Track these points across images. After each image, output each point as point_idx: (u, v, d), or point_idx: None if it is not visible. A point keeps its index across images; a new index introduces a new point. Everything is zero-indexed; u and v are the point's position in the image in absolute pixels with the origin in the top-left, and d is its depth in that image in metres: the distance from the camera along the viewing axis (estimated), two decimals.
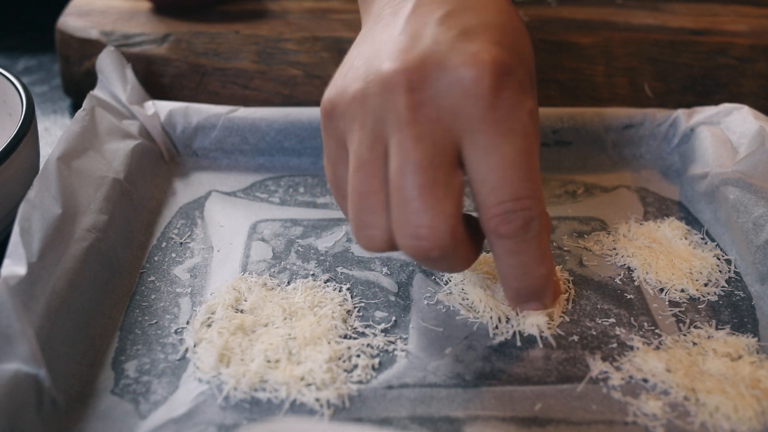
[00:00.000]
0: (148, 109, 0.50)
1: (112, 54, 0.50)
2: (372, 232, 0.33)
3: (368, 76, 0.33)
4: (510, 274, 0.35)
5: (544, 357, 0.36)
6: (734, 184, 0.43)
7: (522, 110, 0.33)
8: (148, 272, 0.41)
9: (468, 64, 0.32)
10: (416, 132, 0.32)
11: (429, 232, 0.32)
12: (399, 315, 0.38)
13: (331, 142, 0.35)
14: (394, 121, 0.32)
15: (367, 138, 0.33)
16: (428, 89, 0.32)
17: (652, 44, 0.55)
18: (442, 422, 0.32)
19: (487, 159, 0.32)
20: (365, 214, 0.33)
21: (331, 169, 0.36)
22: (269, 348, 0.35)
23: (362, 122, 0.33)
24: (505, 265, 0.34)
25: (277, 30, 0.57)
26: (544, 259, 0.34)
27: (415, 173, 0.32)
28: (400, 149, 0.32)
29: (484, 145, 0.32)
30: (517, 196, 0.32)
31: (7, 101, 0.47)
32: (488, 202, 0.33)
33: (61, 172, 0.39)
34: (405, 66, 0.32)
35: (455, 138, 0.32)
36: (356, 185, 0.33)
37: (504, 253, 0.34)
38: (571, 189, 0.49)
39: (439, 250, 0.32)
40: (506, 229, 0.33)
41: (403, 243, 0.32)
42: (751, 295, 0.40)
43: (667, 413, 0.33)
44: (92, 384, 0.34)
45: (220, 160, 0.50)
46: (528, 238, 0.33)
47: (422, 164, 0.32)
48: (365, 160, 0.33)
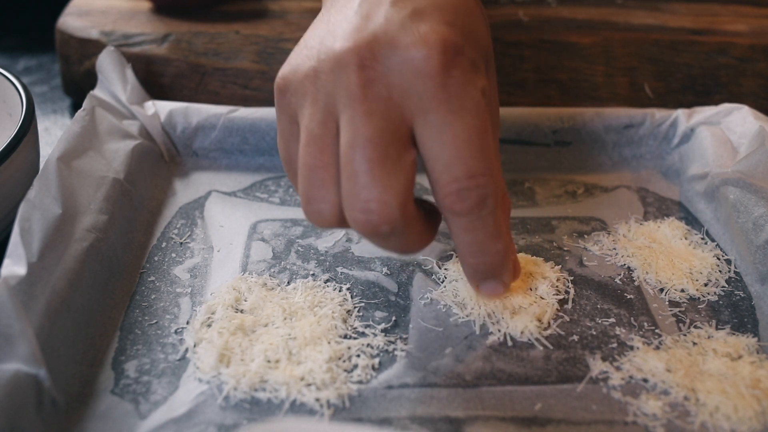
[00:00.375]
0: (148, 109, 0.50)
1: (112, 54, 0.50)
2: (321, 206, 0.33)
3: (320, 54, 0.34)
4: (466, 251, 0.35)
5: (544, 357, 0.36)
6: (734, 184, 0.43)
7: (473, 88, 0.33)
8: (148, 272, 0.41)
9: (418, 44, 0.32)
10: (367, 108, 0.32)
11: (378, 206, 0.32)
12: (399, 315, 0.38)
13: (284, 117, 0.35)
14: (345, 97, 0.32)
15: (319, 114, 0.33)
16: (379, 67, 0.32)
17: (652, 44, 0.55)
18: (442, 422, 0.32)
19: (439, 137, 0.32)
20: (314, 188, 0.33)
21: (283, 145, 0.36)
22: (269, 348, 0.35)
23: (314, 98, 0.33)
24: (460, 242, 0.35)
25: (277, 30, 0.57)
26: (499, 235, 0.34)
27: (365, 147, 0.32)
28: (350, 124, 0.32)
29: (435, 122, 0.32)
30: (471, 173, 0.32)
31: (7, 101, 0.47)
32: (442, 180, 0.33)
33: (61, 172, 0.39)
34: (356, 44, 0.33)
35: (407, 116, 0.33)
36: (306, 159, 0.33)
37: (459, 230, 0.34)
38: (571, 189, 0.49)
39: (388, 225, 0.32)
40: (460, 206, 0.33)
41: (353, 217, 0.32)
42: (751, 295, 0.40)
43: (667, 413, 0.33)
44: (92, 384, 0.34)
45: (220, 160, 0.50)
46: (483, 215, 0.33)
47: (372, 139, 0.32)
48: (316, 134, 0.33)
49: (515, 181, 0.50)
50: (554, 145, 0.50)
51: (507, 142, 0.50)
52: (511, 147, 0.50)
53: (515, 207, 0.47)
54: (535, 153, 0.50)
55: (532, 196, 0.48)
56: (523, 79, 0.56)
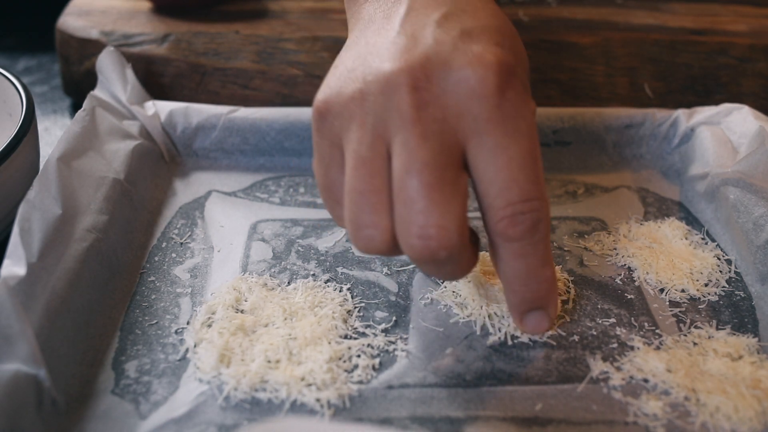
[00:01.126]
0: (148, 110, 0.50)
1: (112, 54, 0.50)
2: (371, 232, 0.32)
3: (367, 76, 0.33)
4: (516, 279, 0.34)
5: (545, 357, 0.36)
6: (734, 184, 0.43)
7: (527, 110, 0.32)
8: (148, 272, 0.41)
9: (473, 64, 0.32)
10: (422, 131, 0.31)
11: (437, 232, 0.31)
12: (399, 315, 0.38)
13: (324, 143, 0.34)
14: (397, 119, 0.31)
15: (368, 137, 0.32)
16: (433, 89, 0.32)
17: (652, 44, 0.55)
18: (442, 422, 0.32)
19: (494, 160, 0.32)
20: (364, 213, 0.32)
21: (323, 171, 0.35)
22: (270, 348, 0.35)
23: (362, 122, 0.32)
24: (510, 269, 0.34)
25: (277, 30, 0.57)
26: (548, 262, 0.34)
27: (422, 172, 0.31)
28: (405, 148, 0.31)
29: (491, 145, 0.31)
30: (526, 198, 0.32)
31: (7, 101, 0.47)
32: (496, 204, 0.32)
33: (61, 173, 0.39)
34: (408, 65, 0.32)
35: (461, 139, 0.32)
36: (355, 184, 0.32)
37: (510, 256, 0.33)
38: (571, 189, 0.49)
39: (447, 251, 0.31)
40: (515, 231, 0.32)
41: (409, 243, 0.31)
42: (752, 296, 0.40)
43: (668, 413, 0.33)
44: (92, 384, 0.34)
45: (220, 161, 0.50)
46: (535, 241, 0.33)
47: (429, 163, 0.31)
48: (365, 158, 0.32)
49: None
50: (554, 145, 0.50)
51: None
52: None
53: None
54: None
55: None
56: None
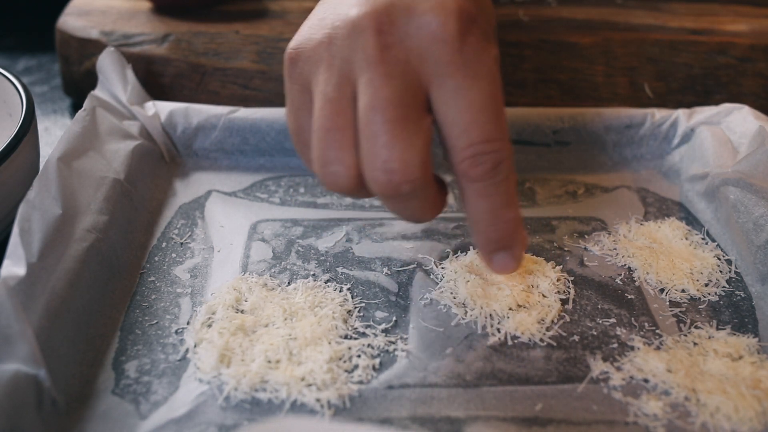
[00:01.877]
0: (148, 110, 0.50)
1: (113, 54, 0.50)
2: (337, 167, 0.33)
3: (335, 21, 0.34)
4: (480, 219, 0.35)
5: (545, 357, 0.36)
6: (735, 184, 0.43)
7: (487, 55, 0.33)
8: (148, 272, 0.41)
9: (435, 10, 0.33)
10: (385, 70, 0.32)
11: (400, 165, 0.32)
12: (399, 315, 0.38)
13: (295, 87, 0.36)
14: (362, 61, 0.33)
15: (334, 78, 0.33)
16: (396, 32, 0.33)
17: (652, 44, 0.55)
18: (442, 422, 0.32)
19: (456, 102, 0.33)
20: (331, 149, 0.33)
21: (293, 115, 0.36)
22: (270, 348, 0.35)
23: (329, 64, 0.34)
24: (474, 209, 0.35)
25: (277, 30, 0.57)
26: (512, 203, 0.35)
27: (385, 108, 0.32)
28: (369, 86, 0.32)
29: (452, 88, 0.33)
30: (487, 138, 0.33)
31: (7, 101, 0.47)
32: (458, 145, 0.33)
33: (61, 173, 0.39)
34: (373, 9, 0.33)
35: (424, 82, 0.33)
36: (322, 122, 0.33)
37: (474, 196, 0.34)
38: (571, 189, 0.49)
39: (410, 184, 0.33)
40: (476, 171, 0.33)
41: (373, 177, 0.33)
42: (752, 296, 0.40)
43: (668, 413, 0.33)
44: (92, 384, 0.34)
45: (220, 161, 0.50)
46: (497, 181, 0.34)
47: (392, 100, 0.32)
48: (331, 98, 0.33)
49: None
50: (554, 145, 0.50)
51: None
52: (512, 147, 0.50)
53: None
54: (535, 153, 0.50)
55: (532, 196, 0.48)
56: (523, 79, 0.56)
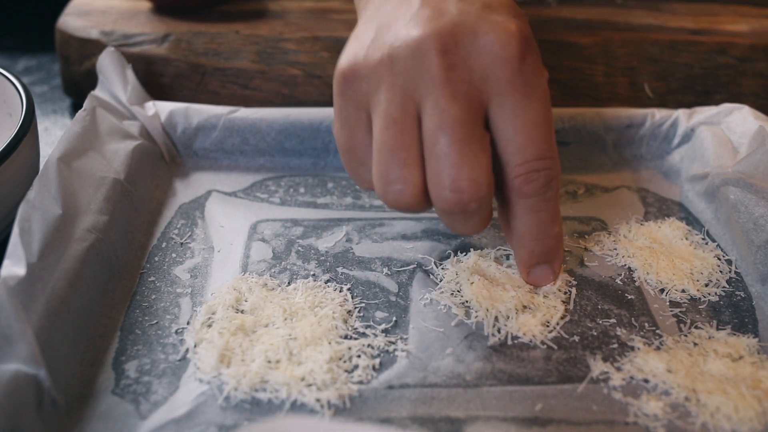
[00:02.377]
0: (148, 110, 0.50)
1: (113, 55, 0.50)
2: (401, 186, 0.35)
3: (395, 42, 0.35)
4: (527, 233, 0.37)
5: (545, 357, 0.36)
6: (735, 184, 0.43)
7: (543, 77, 0.35)
8: (148, 272, 0.41)
9: (497, 31, 0.34)
10: (451, 91, 0.34)
11: (468, 185, 0.34)
12: (399, 315, 0.38)
13: (350, 105, 0.36)
14: (428, 81, 0.34)
15: (398, 98, 0.34)
16: (460, 52, 0.34)
17: (652, 44, 0.55)
18: (442, 422, 0.32)
19: (513, 120, 0.34)
20: (395, 168, 0.34)
21: (347, 133, 0.37)
22: (270, 348, 0.35)
23: (391, 84, 0.35)
24: (523, 224, 0.36)
25: (277, 30, 0.57)
26: (558, 218, 0.37)
27: (453, 129, 0.33)
28: (436, 107, 0.34)
29: (511, 106, 0.34)
30: (541, 156, 0.35)
31: (7, 101, 0.47)
32: (514, 161, 0.35)
33: (61, 173, 0.39)
34: (437, 31, 0.34)
35: (484, 100, 0.35)
36: (387, 141, 0.34)
37: (524, 211, 0.36)
38: (571, 189, 0.49)
39: (477, 203, 0.34)
40: (530, 187, 0.35)
41: (441, 196, 0.34)
42: (752, 296, 0.40)
43: (668, 414, 0.33)
44: (92, 384, 0.34)
45: (220, 161, 0.50)
46: (547, 197, 0.36)
47: (459, 120, 0.33)
48: (396, 117, 0.34)
49: None
50: None
51: None
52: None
53: None
54: None
55: None
56: None
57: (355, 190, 0.48)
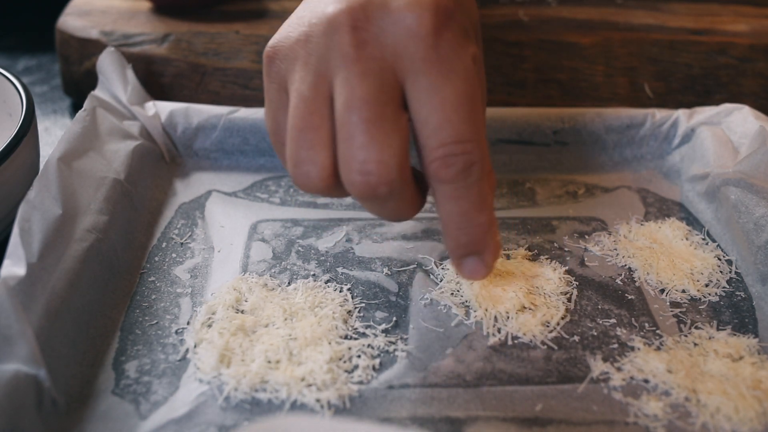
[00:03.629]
0: (148, 110, 0.50)
1: (113, 55, 0.50)
2: (308, 168, 0.33)
3: (312, 19, 0.34)
4: (450, 222, 0.34)
5: (545, 357, 0.36)
6: (735, 184, 0.43)
7: (464, 53, 0.33)
8: (148, 272, 0.41)
9: (410, 5, 0.33)
10: (362, 68, 0.32)
11: (376, 167, 0.32)
12: (399, 315, 0.38)
13: (272, 86, 0.35)
14: (338, 59, 0.32)
15: (310, 76, 0.33)
16: (371, 28, 0.32)
17: (652, 44, 0.55)
18: (442, 423, 0.32)
19: (429, 100, 0.32)
20: (303, 149, 0.33)
21: (271, 115, 0.36)
22: (270, 348, 0.35)
23: (305, 62, 0.33)
24: (445, 211, 0.34)
25: (277, 30, 0.57)
26: (484, 207, 0.34)
27: (361, 108, 0.32)
28: (346, 85, 0.32)
29: (426, 85, 0.32)
30: (458, 139, 0.32)
31: (7, 101, 0.47)
32: (429, 144, 0.33)
33: (61, 173, 0.39)
34: (349, 6, 0.33)
35: (399, 78, 0.33)
36: (295, 122, 0.33)
37: (444, 198, 0.34)
38: (571, 189, 0.49)
39: (387, 186, 0.32)
40: (447, 173, 0.33)
41: (350, 179, 0.32)
42: (752, 296, 0.40)
43: (668, 414, 0.33)
44: (93, 384, 0.34)
45: (220, 161, 0.50)
46: (468, 183, 0.33)
47: (368, 100, 0.32)
48: (306, 97, 0.33)
49: (516, 182, 0.49)
50: (554, 145, 0.50)
51: (507, 142, 0.50)
52: (512, 147, 0.50)
53: (516, 207, 0.47)
54: (535, 153, 0.50)
55: (532, 196, 0.48)
56: (523, 79, 0.56)
57: None
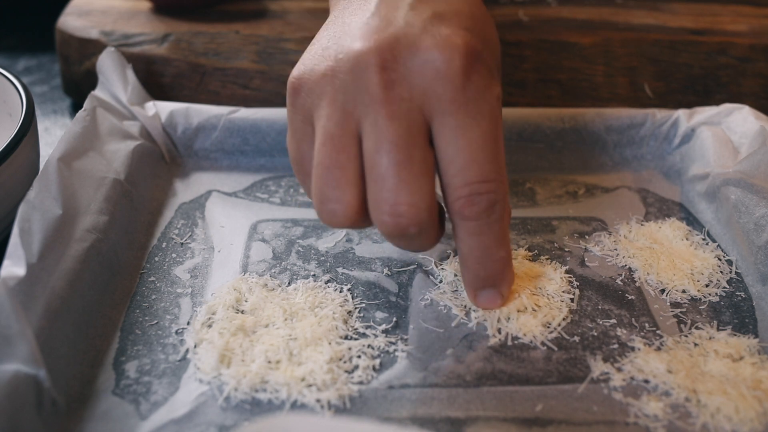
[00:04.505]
0: (148, 110, 0.50)
1: (113, 55, 0.50)
2: (334, 206, 0.34)
3: (339, 54, 0.34)
4: (470, 257, 0.35)
5: (545, 358, 0.36)
6: (736, 184, 0.43)
7: (490, 94, 0.34)
8: (148, 273, 0.41)
9: (440, 47, 0.33)
10: (390, 110, 0.32)
11: (407, 210, 0.32)
12: (400, 315, 0.38)
13: (297, 118, 0.35)
14: (367, 99, 0.33)
15: (337, 114, 0.33)
16: (400, 69, 0.33)
17: (652, 44, 0.55)
18: (443, 423, 0.32)
19: (455, 140, 0.33)
20: (329, 188, 0.33)
21: (295, 145, 0.36)
22: (270, 349, 0.35)
23: (332, 99, 0.33)
24: (466, 246, 0.35)
25: (277, 30, 0.57)
26: (503, 242, 0.35)
27: (391, 151, 0.32)
28: (374, 127, 0.32)
29: (453, 126, 0.33)
30: (484, 178, 0.33)
31: (7, 101, 0.47)
32: (455, 183, 0.33)
33: (61, 173, 0.39)
34: (377, 45, 0.33)
35: (426, 118, 0.33)
36: (322, 159, 0.33)
37: (466, 234, 0.35)
38: (572, 189, 0.49)
39: (417, 227, 0.33)
40: (471, 210, 0.34)
41: (381, 219, 0.33)
42: (752, 296, 0.40)
43: (669, 414, 0.33)
44: (93, 384, 0.34)
45: (220, 161, 0.50)
46: (491, 221, 0.34)
47: (398, 142, 0.32)
48: (333, 134, 0.33)
49: (516, 182, 0.49)
50: (554, 145, 0.50)
51: (507, 142, 0.50)
52: (512, 147, 0.50)
53: (516, 207, 0.47)
54: (535, 153, 0.50)
55: (532, 196, 0.48)
56: (523, 79, 0.56)
57: None
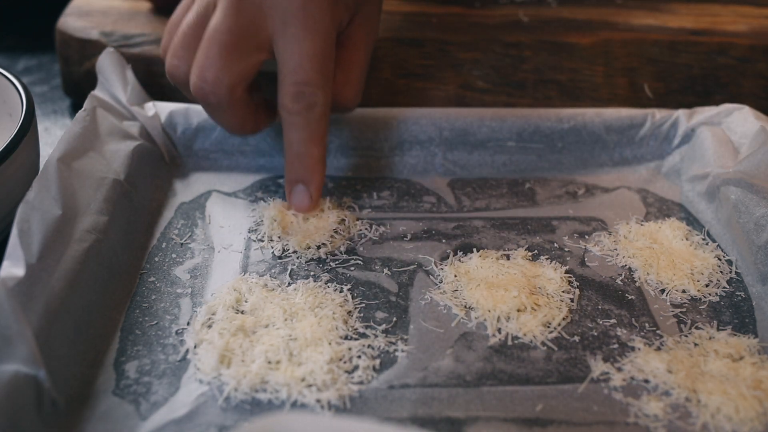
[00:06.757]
0: (148, 110, 0.50)
1: (112, 55, 0.50)
2: (179, 62, 0.42)
3: None
4: (290, 150, 0.42)
5: (545, 358, 0.36)
6: (736, 184, 0.43)
7: (329, 18, 0.41)
8: (148, 273, 0.41)
9: None
10: (239, 5, 0.40)
11: (212, 78, 0.40)
12: (400, 315, 0.38)
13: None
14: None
15: (205, 2, 0.42)
16: None
17: (651, 44, 0.55)
18: (443, 423, 0.32)
19: (291, 47, 0.40)
20: (181, 48, 0.42)
21: (180, 11, 0.44)
22: (270, 349, 0.35)
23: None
24: (287, 139, 0.42)
25: None
26: (320, 142, 0.42)
27: (223, 33, 0.40)
28: (221, 12, 0.40)
29: (291, 35, 0.40)
30: (308, 82, 0.41)
31: (7, 101, 0.47)
32: (285, 81, 0.41)
33: (61, 173, 0.39)
34: None
35: (270, 27, 0.41)
36: (185, 27, 0.42)
37: (289, 127, 0.42)
38: (571, 189, 0.49)
39: (215, 97, 0.41)
40: (293, 105, 0.41)
41: (192, 81, 0.41)
42: (752, 296, 0.40)
43: (669, 414, 0.33)
44: (93, 385, 0.34)
45: (220, 161, 0.50)
46: (310, 119, 0.41)
47: (232, 30, 0.40)
48: (199, 13, 0.42)
49: (516, 182, 0.49)
50: (555, 145, 0.50)
51: (507, 142, 0.50)
52: (512, 147, 0.50)
53: (516, 207, 0.47)
54: (535, 153, 0.50)
55: (532, 196, 0.48)
56: (523, 80, 0.56)
57: (354, 189, 0.48)
